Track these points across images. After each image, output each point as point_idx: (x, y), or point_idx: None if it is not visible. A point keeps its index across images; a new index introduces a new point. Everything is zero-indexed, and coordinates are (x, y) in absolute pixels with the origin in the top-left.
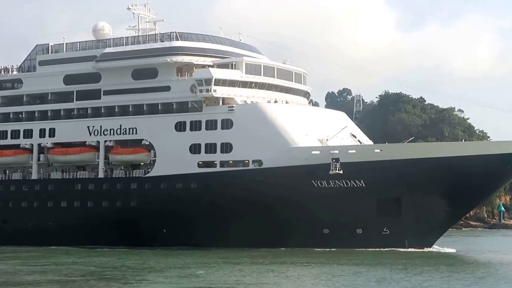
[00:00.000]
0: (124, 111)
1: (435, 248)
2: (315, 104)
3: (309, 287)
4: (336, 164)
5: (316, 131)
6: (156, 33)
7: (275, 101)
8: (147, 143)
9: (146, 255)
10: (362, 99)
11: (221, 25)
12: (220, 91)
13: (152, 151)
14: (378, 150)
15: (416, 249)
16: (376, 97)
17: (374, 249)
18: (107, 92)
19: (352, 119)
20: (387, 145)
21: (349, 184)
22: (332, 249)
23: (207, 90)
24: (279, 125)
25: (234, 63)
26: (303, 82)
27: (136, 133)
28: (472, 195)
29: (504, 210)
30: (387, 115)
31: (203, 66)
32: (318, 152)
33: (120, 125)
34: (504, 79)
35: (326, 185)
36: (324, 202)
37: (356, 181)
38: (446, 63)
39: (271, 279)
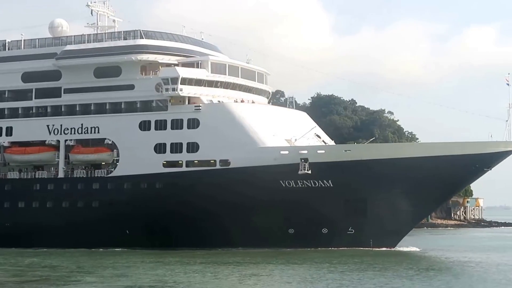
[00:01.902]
0: (85, 109)
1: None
2: None
3: (228, 286)
4: (305, 164)
5: (283, 131)
6: (117, 30)
7: (242, 101)
8: (110, 142)
9: (79, 255)
10: (295, 100)
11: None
12: (186, 90)
13: (115, 150)
14: (347, 151)
15: (381, 248)
16: (309, 99)
17: (338, 249)
18: (68, 90)
19: None
20: (356, 146)
21: (317, 184)
22: (297, 249)
23: (173, 89)
24: (247, 125)
25: (199, 62)
26: (265, 82)
27: (98, 132)
28: (437, 195)
29: None
30: (319, 117)
31: (168, 65)
32: (286, 152)
33: (82, 124)
34: (435, 83)
35: (294, 185)
36: (290, 202)
37: (324, 181)
38: (380, 67)
39: (188, 278)
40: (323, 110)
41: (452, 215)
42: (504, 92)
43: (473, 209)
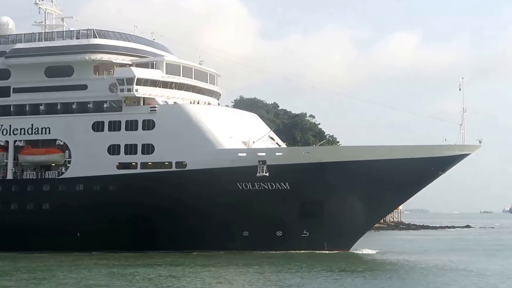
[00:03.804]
0: (35, 110)
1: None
2: None
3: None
4: (263, 167)
5: (239, 133)
6: (66, 29)
7: (197, 102)
8: (61, 143)
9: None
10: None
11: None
12: (141, 91)
13: (66, 151)
14: (306, 153)
15: (335, 250)
16: (232, 102)
17: (293, 252)
18: (17, 90)
19: None
20: (314, 148)
21: (274, 187)
22: (252, 252)
23: (129, 90)
24: (204, 127)
25: (154, 62)
26: (216, 83)
27: (49, 133)
28: (392, 198)
29: None
30: None
31: (122, 65)
32: (244, 154)
33: (32, 125)
34: (357, 86)
35: (251, 188)
36: (247, 205)
37: (282, 183)
38: (304, 71)
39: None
40: None
41: None
42: (429, 95)
43: (392, 212)
